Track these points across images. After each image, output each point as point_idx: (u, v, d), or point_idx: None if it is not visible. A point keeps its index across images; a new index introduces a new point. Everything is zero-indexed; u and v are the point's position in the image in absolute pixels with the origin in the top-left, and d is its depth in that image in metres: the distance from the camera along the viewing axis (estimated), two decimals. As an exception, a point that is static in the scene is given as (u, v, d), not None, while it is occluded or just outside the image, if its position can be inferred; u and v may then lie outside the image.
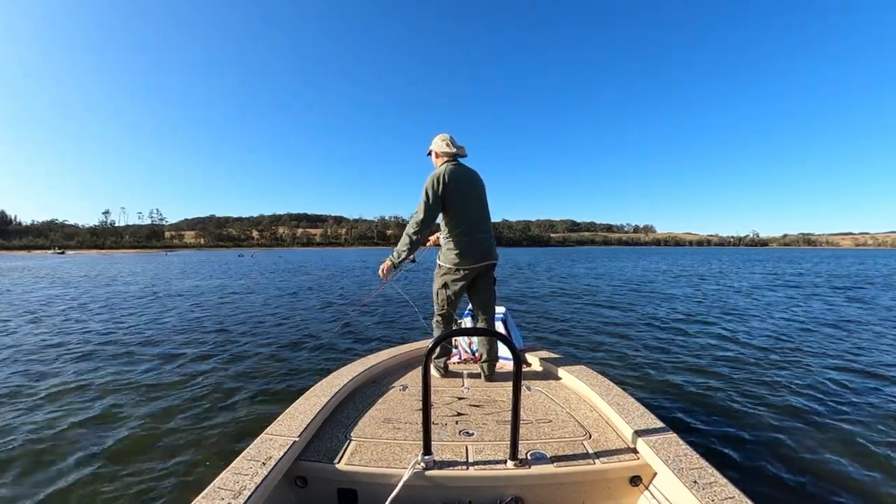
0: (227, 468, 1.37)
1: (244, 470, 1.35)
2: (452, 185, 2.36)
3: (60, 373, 4.55)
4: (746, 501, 1.31)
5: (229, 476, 1.32)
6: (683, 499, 1.38)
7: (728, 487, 1.37)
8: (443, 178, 2.35)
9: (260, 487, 1.29)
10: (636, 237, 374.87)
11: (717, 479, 1.41)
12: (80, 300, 10.95)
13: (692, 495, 1.34)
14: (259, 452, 1.46)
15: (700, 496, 1.32)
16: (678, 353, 5.55)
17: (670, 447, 1.61)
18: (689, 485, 1.38)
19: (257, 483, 1.29)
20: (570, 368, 2.54)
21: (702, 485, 1.38)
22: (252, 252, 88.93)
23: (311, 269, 25.38)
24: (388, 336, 6.44)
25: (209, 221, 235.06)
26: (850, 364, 5.01)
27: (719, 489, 1.36)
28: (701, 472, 1.45)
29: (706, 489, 1.36)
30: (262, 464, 1.38)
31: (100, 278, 19.09)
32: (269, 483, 1.32)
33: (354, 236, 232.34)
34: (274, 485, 1.37)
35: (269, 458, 1.42)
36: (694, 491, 1.35)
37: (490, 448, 1.68)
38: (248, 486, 1.28)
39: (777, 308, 9.61)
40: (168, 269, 24.97)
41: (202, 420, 3.29)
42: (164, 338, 6.23)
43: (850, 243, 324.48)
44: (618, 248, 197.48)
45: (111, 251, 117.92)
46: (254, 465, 1.37)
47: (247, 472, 1.33)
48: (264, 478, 1.31)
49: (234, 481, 1.30)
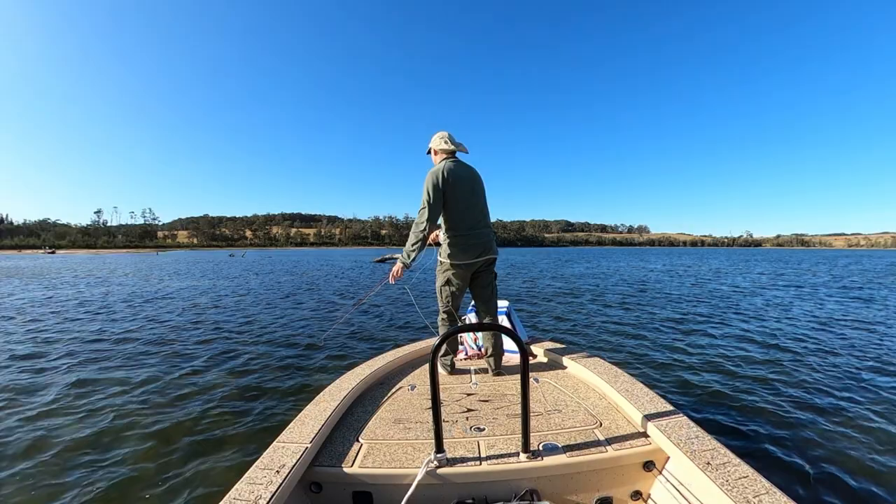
0: (242, 478, 1.36)
1: (258, 479, 1.34)
2: (452, 181, 2.38)
3: (46, 385, 4.27)
4: (761, 480, 1.30)
5: (244, 486, 1.31)
6: (698, 480, 1.39)
7: (742, 467, 1.37)
8: (442, 174, 2.37)
9: (275, 496, 1.27)
10: (630, 237, 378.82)
11: (731, 459, 1.41)
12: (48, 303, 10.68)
13: (706, 476, 1.34)
14: (272, 461, 1.46)
15: (714, 477, 1.32)
16: (686, 348, 5.55)
17: (681, 430, 1.61)
18: (702, 466, 1.38)
19: (272, 491, 1.28)
20: (577, 357, 2.55)
21: (715, 465, 1.38)
22: (243, 252, 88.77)
23: (299, 270, 24.89)
24: (392, 337, 6.31)
25: (202, 221, 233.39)
26: (863, 360, 4.97)
27: (733, 469, 1.36)
28: (714, 453, 1.45)
29: (720, 469, 1.36)
30: (276, 472, 1.38)
31: (86, 278, 18.77)
32: (284, 491, 1.32)
33: (348, 236, 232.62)
34: (289, 492, 1.36)
35: (283, 465, 1.42)
36: (708, 472, 1.35)
37: (502, 442, 1.68)
38: (263, 494, 1.27)
39: (781, 306, 9.53)
40: (153, 271, 24.17)
41: (210, 430, 3.19)
42: (150, 346, 5.92)
43: (843, 244, 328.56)
44: (613, 249, 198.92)
45: (103, 251, 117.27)
46: (268, 474, 1.37)
47: (261, 481, 1.33)
48: (279, 486, 1.31)
49: (249, 491, 1.29)
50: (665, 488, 1.54)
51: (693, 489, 1.42)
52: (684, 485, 1.46)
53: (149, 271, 23.87)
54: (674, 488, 1.50)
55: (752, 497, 1.23)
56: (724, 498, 1.25)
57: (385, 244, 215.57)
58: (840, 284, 15.01)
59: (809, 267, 28.04)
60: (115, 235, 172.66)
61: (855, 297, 11.09)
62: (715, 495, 1.29)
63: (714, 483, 1.30)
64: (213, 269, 25.61)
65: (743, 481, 1.29)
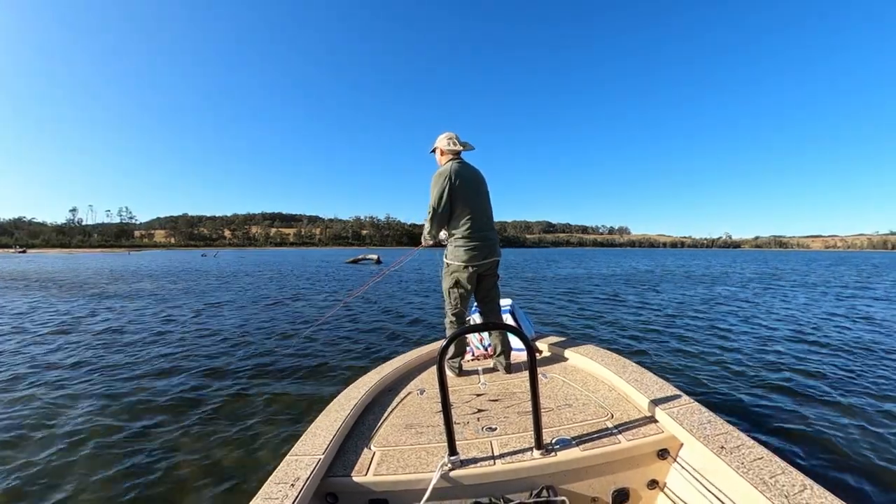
0: (257, 494, 1.34)
1: (274, 494, 1.33)
2: (458, 184, 2.40)
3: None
4: (776, 460, 1.32)
5: (260, 502, 1.30)
6: (713, 465, 1.40)
7: (756, 448, 1.39)
8: (449, 178, 2.39)
9: None
10: (611, 238, 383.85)
11: (744, 442, 1.43)
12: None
13: (721, 460, 1.35)
14: (286, 474, 1.43)
15: (729, 460, 1.34)
16: (695, 339, 5.78)
17: (693, 416, 1.63)
18: (716, 451, 1.40)
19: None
20: (583, 350, 2.57)
21: (729, 449, 1.40)
22: (216, 252, 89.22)
23: (258, 271, 23.62)
24: (394, 342, 6.01)
25: (181, 220, 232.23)
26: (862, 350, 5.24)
27: (747, 451, 1.37)
28: (727, 437, 1.47)
29: (734, 453, 1.37)
30: (291, 485, 1.36)
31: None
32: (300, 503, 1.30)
33: (329, 236, 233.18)
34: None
35: (297, 478, 1.40)
36: (722, 456, 1.36)
37: (514, 440, 1.68)
38: None
39: (766, 303, 9.82)
40: (101, 274, 21.01)
41: (219, 445, 2.94)
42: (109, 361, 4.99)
43: (820, 245, 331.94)
44: (595, 250, 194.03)
45: (77, 250, 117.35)
46: (283, 488, 1.35)
47: (276, 496, 1.31)
48: (295, 499, 1.29)
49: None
50: (681, 475, 1.55)
51: (708, 474, 1.42)
52: (699, 470, 1.46)
53: (85, 274, 20.56)
54: (689, 475, 1.50)
55: (768, 478, 1.24)
56: (740, 480, 1.27)
57: (365, 244, 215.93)
58: (861, 285, 14.98)
59: (817, 269, 27.42)
60: (91, 235, 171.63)
61: (875, 297, 11.09)
62: (731, 478, 1.30)
63: (729, 466, 1.31)
64: (179, 270, 23.64)
65: (758, 462, 1.31)
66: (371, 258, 34.40)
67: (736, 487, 1.29)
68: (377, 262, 31.72)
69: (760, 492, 1.20)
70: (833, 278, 18.68)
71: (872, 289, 13.74)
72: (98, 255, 71.42)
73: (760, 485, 1.21)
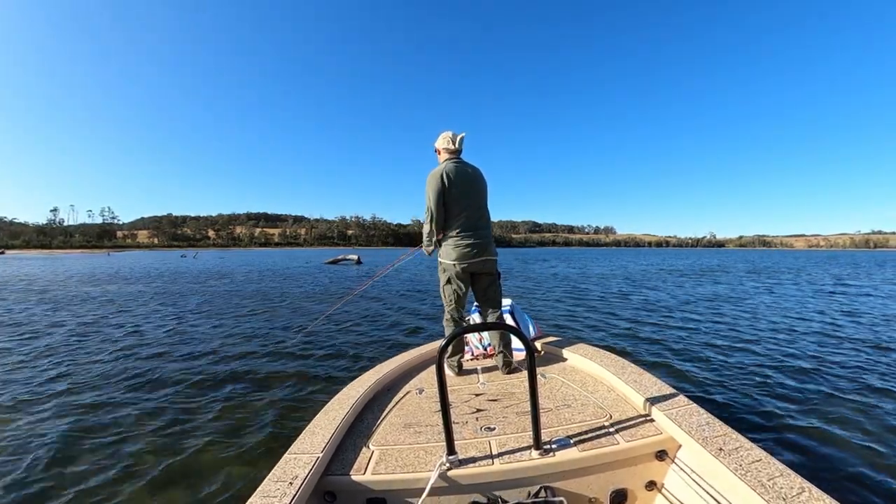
0: (255, 492, 1.34)
1: (272, 492, 1.33)
2: (452, 182, 2.41)
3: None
4: (774, 462, 1.31)
5: (258, 500, 1.30)
6: (711, 467, 1.39)
7: (754, 450, 1.38)
8: (442, 177, 2.40)
9: None
10: (597, 238, 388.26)
11: (743, 444, 1.43)
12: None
13: (719, 462, 1.35)
14: (285, 473, 1.43)
15: (727, 462, 1.33)
16: (691, 338, 5.83)
17: (692, 417, 1.63)
18: (714, 452, 1.39)
19: (287, 503, 1.27)
20: (583, 351, 2.58)
21: (728, 451, 1.39)
22: (195, 252, 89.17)
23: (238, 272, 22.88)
24: (393, 343, 6.02)
25: (165, 221, 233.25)
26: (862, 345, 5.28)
27: (745, 453, 1.37)
28: (726, 439, 1.46)
29: (733, 455, 1.37)
30: (290, 483, 1.36)
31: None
32: (298, 502, 1.30)
33: (314, 236, 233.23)
34: (303, 503, 1.34)
35: (296, 476, 1.40)
36: (720, 458, 1.36)
37: (513, 441, 1.67)
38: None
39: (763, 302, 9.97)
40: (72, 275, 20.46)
41: (217, 444, 2.92)
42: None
43: (803, 244, 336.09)
44: (583, 249, 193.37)
45: (57, 251, 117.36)
46: (281, 486, 1.35)
47: (275, 494, 1.31)
48: (293, 497, 1.29)
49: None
50: (679, 476, 1.55)
51: (707, 476, 1.42)
52: (697, 472, 1.46)
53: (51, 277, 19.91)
54: (687, 476, 1.50)
55: (766, 480, 1.24)
56: (738, 482, 1.26)
57: (351, 244, 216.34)
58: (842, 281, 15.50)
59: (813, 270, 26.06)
60: (73, 235, 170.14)
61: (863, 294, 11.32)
62: (729, 480, 1.30)
63: (727, 468, 1.31)
64: (150, 273, 22.34)
65: (756, 465, 1.30)
66: (351, 258, 34.41)
67: (734, 489, 1.29)
68: (357, 263, 31.93)
69: (758, 494, 1.20)
70: (829, 276, 18.84)
71: (871, 286, 13.99)
72: (77, 256, 71.83)
73: (759, 487, 1.22)
